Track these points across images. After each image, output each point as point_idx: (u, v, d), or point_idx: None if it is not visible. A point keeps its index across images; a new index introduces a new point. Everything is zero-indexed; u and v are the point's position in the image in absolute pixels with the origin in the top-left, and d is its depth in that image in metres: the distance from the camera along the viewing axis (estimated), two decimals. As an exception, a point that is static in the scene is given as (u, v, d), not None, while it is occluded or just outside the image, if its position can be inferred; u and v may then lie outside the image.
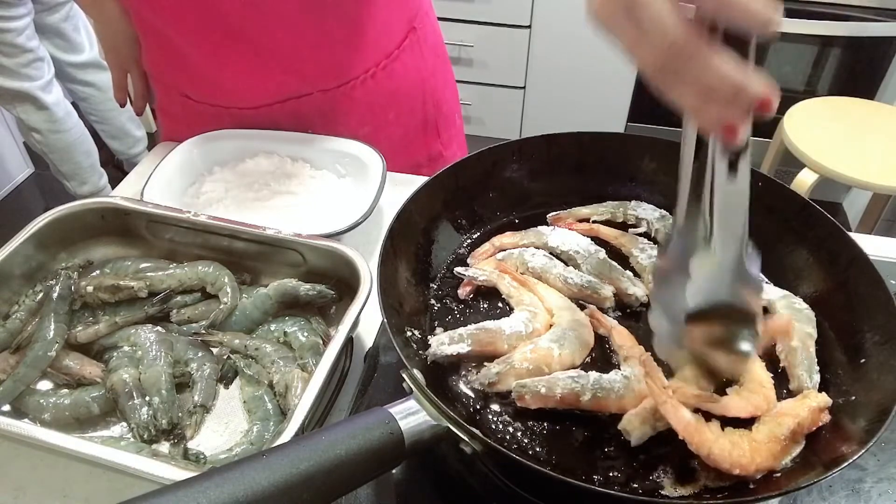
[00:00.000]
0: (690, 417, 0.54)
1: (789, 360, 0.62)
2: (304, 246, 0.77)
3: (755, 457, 0.53)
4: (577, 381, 0.58)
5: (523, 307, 0.67)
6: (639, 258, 0.73)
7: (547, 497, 0.58)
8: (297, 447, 0.46)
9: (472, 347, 0.62)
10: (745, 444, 0.54)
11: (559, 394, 0.58)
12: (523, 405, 0.59)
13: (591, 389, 0.58)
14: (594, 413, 0.59)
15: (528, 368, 0.60)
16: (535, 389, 0.58)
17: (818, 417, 0.56)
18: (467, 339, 0.63)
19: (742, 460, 0.53)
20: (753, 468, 0.53)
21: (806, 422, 0.55)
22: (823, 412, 0.57)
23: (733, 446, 0.53)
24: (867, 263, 0.63)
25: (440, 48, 1.15)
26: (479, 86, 2.71)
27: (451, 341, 0.63)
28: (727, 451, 0.53)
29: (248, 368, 0.70)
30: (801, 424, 0.55)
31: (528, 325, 0.65)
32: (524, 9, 2.47)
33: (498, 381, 0.60)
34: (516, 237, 0.76)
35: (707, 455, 0.53)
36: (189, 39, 0.93)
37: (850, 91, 2.19)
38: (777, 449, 0.54)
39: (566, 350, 0.62)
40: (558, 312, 0.66)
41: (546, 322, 0.66)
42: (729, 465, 0.52)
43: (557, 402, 0.58)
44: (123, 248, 0.82)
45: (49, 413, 0.66)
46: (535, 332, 0.64)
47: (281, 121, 0.98)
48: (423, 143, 1.13)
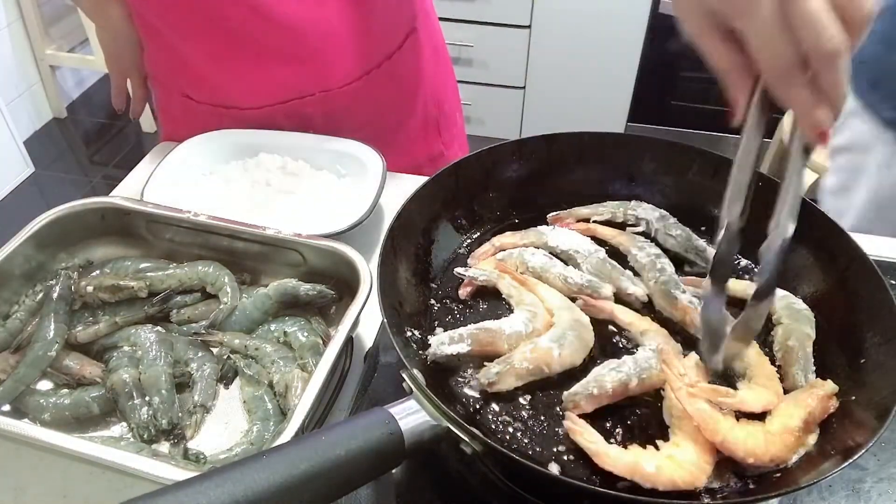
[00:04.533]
0: (705, 406, 0.54)
1: (785, 358, 0.62)
2: (304, 246, 0.77)
3: (769, 447, 0.53)
4: (620, 370, 0.59)
5: (523, 307, 0.67)
6: (637, 256, 0.73)
7: (547, 497, 0.58)
8: (297, 447, 0.46)
9: (472, 347, 0.62)
10: (760, 434, 0.54)
11: (610, 388, 0.58)
12: (579, 412, 0.58)
13: (635, 374, 0.59)
14: (641, 396, 0.59)
15: (528, 368, 0.60)
16: (588, 392, 0.58)
17: (827, 405, 0.57)
18: (467, 339, 0.63)
19: (756, 449, 0.53)
20: (768, 458, 0.53)
21: (816, 411, 0.56)
22: (831, 399, 0.57)
23: (748, 435, 0.53)
24: (867, 263, 0.63)
25: (441, 49, 1.15)
26: (479, 86, 2.71)
27: (451, 341, 0.63)
28: (741, 440, 0.53)
29: (248, 368, 0.70)
30: (811, 414, 0.55)
31: (528, 325, 0.65)
32: (524, 9, 2.47)
33: (498, 381, 0.60)
34: (516, 237, 0.76)
35: (721, 442, 0.53)
36: (190, 41, 0.93)
37: (850, 91, 2.19)
38: (791, 440, 0.54)
39: (566, 350, 0.62)
40: (558, 312, 0.66)
41: (546, 322, 0.66)
42: (743, 454, 0.52)
43: (610, 398, 0.59)
44: (123, 248, 0.82)
45: (49, 413, 0.66)
46: (535, 331, 0.64)
47: (282, 121, 0.98)
48: (424, 144, 1.13)
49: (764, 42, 0.46)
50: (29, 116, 3.01)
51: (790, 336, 0.63)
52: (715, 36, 0.50)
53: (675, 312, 0.67)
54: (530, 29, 2.51)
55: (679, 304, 0.67)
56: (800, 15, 0.44)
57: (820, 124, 0.48)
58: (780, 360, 0.62)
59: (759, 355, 0.62)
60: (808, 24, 0.44)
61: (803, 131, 0.49)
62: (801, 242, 0.70)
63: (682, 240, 0.74)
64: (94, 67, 3.04)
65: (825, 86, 0.46)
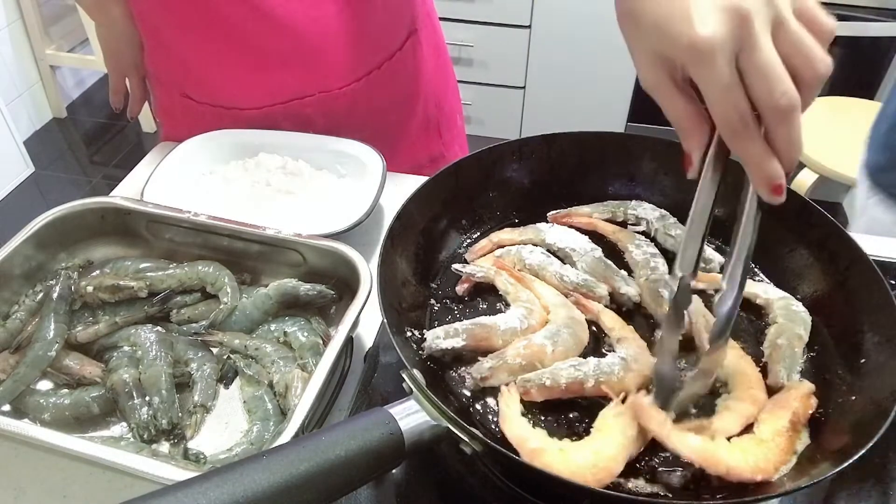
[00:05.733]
0: (698, 442, 0.53)
1: (772, 355, 0.62)
2: (304, 246, 0.77)
3: (769, 456, 0.53)
4: (578, 369, 0.59)
5: (519, 304, 0.68)
6: (633, 254, 0.73)
7: (547, 497, 0.58)
8: (297, 447, 0.46)
9: (466, 342, 0.63)
10: (755, 447, 0.53)
11: (564, 383, 0.59)
12: (529, 399, 0.59)
13: (593, 375, 0.59)
14: (598, 398, 0.59)
15: (521, 364, 0.61)
16: (540, 382, 0.59)
17: (808, 405, 0.57)
18: (462, 334, 0.63)
19: (760, 464, 0.52)
20: (773, 468, 0.53)
21: (800, 411, 0.56)
22: (810, 398, 0.57)
23: (746, 454, 0.53)
24: (867, 263, 0.63)
25: (442, 49, 1.15)
26: (479, 86, 2.71)
27: (447, 335, 0.63)
28: (743, 462, 0.52)
29: (248, 368, 0.70)
30: (796, 415, 0.56)
31: (523, 322, 0.65)
32: (524, 9, 2.47)
33: (490, 376, 0.60)
34: (514, 234, 0.77)
35: (726, 473, 0.52)
36: (191, 41, 0.93)
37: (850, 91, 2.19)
38: (783, 442, 0.54)
39: (560, 347, 0.62)
40: (554, 310, 0.67)
41: (542, 319, 0.66)
42: (751, 475, 0.52)
43: (562, 392, 0.59)
44: (123, 248, 0.82)
45: (49, 413, 0.66)
46: (530, 328, 0.65)
47: (282, 122, 0.98)
48: (424, 145, 1.13)
49: (719, 93, 0.46)
50: (29, 116, 3.02)
51: (781, 334, 0.63)
52: (671, 85, 0.50)
53: (660, 311, 0.67)
54: (530, 29, 2.51)
55: (665, 304, 0.67)
56: (754, 67, 0.45)
57: (773, 178, 0.48)
58: (766, 356, 0.63)
59: (740, 359, 0.62)
60: (761, 78, 0.45)
61: (757, 185, 0.49)
62: (801, 242, 0.70)
63: (680, 240, 0.74)
64: (94, 67, 3.05)
65: (778, 140, 0.47)
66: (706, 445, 0.53)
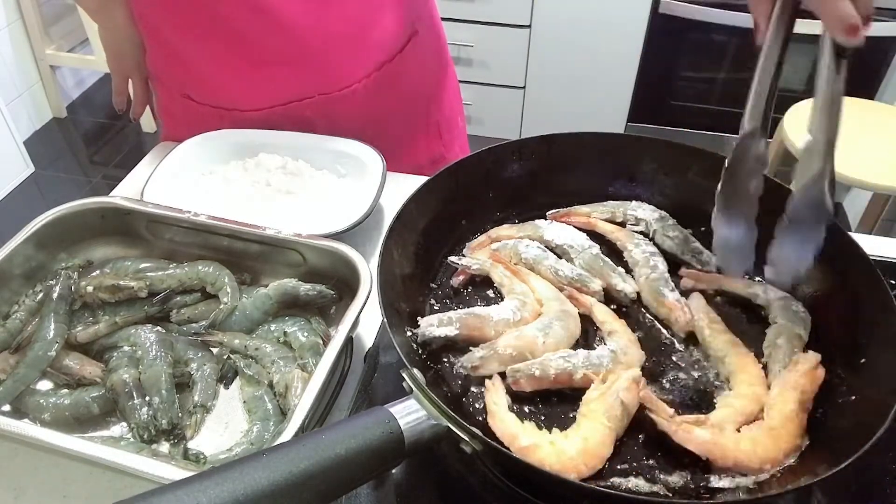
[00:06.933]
0: (705, 435, 0.53)
1: (772, 356, 0.62)
2: (304, 246, 0.77)
3: (780, 444, 0.53)
4: (568, 361, 0.60)
5: (513, 296, 0.68)
6: (633, 253, 0.73)
7: (547, 497, 0.58)
8: (297, 446, 0.46)
9: (459, 331, 0.63)
10: (764, 435, 0.53)
11: (553, 374, 0.59)
12: (518, 389, 0.60)
13: (582, 367, 0.60)
14: (586, 389, 0.60)
15: (512, 354, 0.61)
16: (529, 372, 0.59)
17: (816, 376, 0.57)
18: (456, 323, 0.64)
19: (769, 454, 0.52)
20: (782, 456, 0.52)
21: (808, 386, 0.56)
22: (818, 368, 0.57)
23: (755, 444, 0.53)
24: (867, 263, 0.63)
25: (443, 51, 1.15)
26: (479, 86, 2.71)
27: (441, 323, 0.64)
28: (751, 453, 0.52)
29: (248, 368, 0.70)
30: (804, 392, 0.55)
31: (516, 313, 0.66)
32: (524, 9, 2.47)
33: (481, 366, 0.61)
34: (513, 229, 0.77)
35: (734, 465, 0.52)
36: (192, 42, 0.93)
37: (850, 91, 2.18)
38: (793, 428, 0.54)
39: (551, 339, 0.63)
40: (547, 303, 0.67)
41: (535, 311, 0.67)
42: (759, 466, 0.52)
43: (552, 383, 0.60)
44: (123, 248, 0.82)
45: (49, 413, 0.66)
46: (522, 320, 0.65)
47: (282, 123, 0.98)
48: (424, 145, 1.13)
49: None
50: (29, 116, 3.01)
51: (781, 334, 0.63)
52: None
53: (660, 310, 0.68)
54: (530, 29, 2.51)
55: (666, 302, 0.67)
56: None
57: (846, 18, 0.48)
58: (766, 356, 0.63)
59: (741, 356, 0.62)
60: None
61: (832, 30, 0.50)
62: (800, 242, 0.70)
63: (678, 241, 0.74)
64: (94, 67, 3.05)
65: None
66: (714, 438, 0.53)
